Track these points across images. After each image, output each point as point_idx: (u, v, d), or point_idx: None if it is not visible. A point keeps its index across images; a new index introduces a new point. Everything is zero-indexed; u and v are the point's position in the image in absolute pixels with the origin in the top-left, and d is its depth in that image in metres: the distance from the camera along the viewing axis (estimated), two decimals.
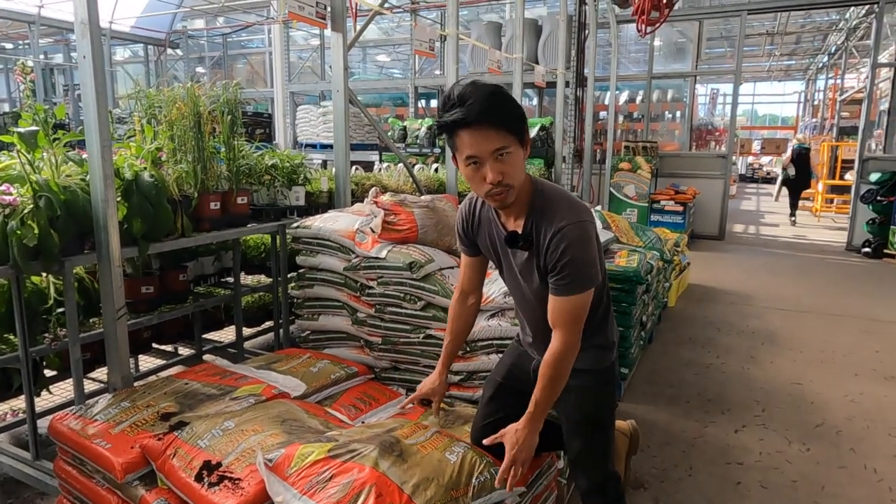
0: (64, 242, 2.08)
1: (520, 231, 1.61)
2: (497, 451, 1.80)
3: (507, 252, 1.69)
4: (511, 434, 1.64)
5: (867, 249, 7.82)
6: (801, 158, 10.94)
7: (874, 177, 7.74)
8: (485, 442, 1.71)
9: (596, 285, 1.58)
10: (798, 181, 10.98)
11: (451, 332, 1.95)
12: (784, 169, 11.37)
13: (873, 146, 8.97)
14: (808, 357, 4.15)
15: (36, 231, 2.00)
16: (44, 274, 2.42)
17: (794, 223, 10.83)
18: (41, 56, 11.27)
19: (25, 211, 2.01)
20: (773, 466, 2.75)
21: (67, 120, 7.28)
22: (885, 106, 8.92)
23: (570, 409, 1.75)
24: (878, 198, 7.66)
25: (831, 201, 12.21)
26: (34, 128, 2.12)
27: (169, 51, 13.13)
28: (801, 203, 11.30)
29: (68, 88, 11.49)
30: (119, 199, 2.21)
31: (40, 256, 2.04)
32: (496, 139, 1.46)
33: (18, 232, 1.98)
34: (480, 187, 1.53)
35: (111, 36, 11.39)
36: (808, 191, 11.81)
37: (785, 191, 11.52)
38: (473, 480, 1.66)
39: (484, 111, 1.44)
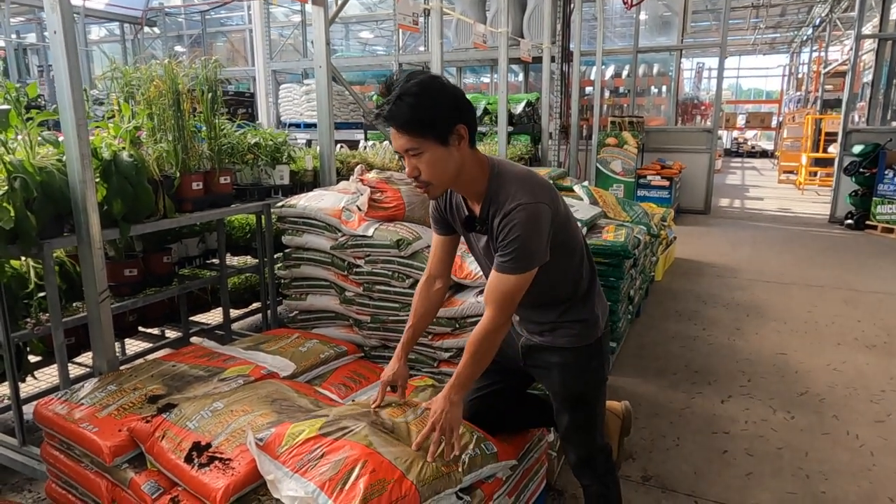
0: (42, 225, 2.03)
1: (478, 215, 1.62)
2: (488, 425, 1.81)
3: (469, 235, 1.71)
4: (434, 402, 1.65)
5: (850, 221, 7.91)
6: None
7: (857, 149, 7.80)
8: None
9: (539, 266, 1.54)
10: None
11: (415, 316, 1.84)
12: None
13: (856, 118, 9.02)
14: (792, 328, 4.21)
15: (12, 213, 1.95)
16: (23, 258, 2.38)
17: None
18: (13, 35, 10.94)
19: (0, 193, 1.96)
20: (759, 435, 2.80)
21: (42, 101, 7.08)
22: (868, 78, 8.97)
23: (555, 387, 1.76)
24: (861, 170, 7.73)
25: (815, 174, 12.30)
26: (5, 106, 2.05)
27: (146, 29, 12.81)
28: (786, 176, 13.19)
29: (43, 69, 11.17)
30: (98, 179, 2.16)
31: (18, 239, 2.00)
32: (404, 140, 1.48)
33: None
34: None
35: (85, 14, 11.06)
36: (793, 164, 13.16)
37: None
38: (464, 455, 1.67)
39: (391, 114, 1.46)
